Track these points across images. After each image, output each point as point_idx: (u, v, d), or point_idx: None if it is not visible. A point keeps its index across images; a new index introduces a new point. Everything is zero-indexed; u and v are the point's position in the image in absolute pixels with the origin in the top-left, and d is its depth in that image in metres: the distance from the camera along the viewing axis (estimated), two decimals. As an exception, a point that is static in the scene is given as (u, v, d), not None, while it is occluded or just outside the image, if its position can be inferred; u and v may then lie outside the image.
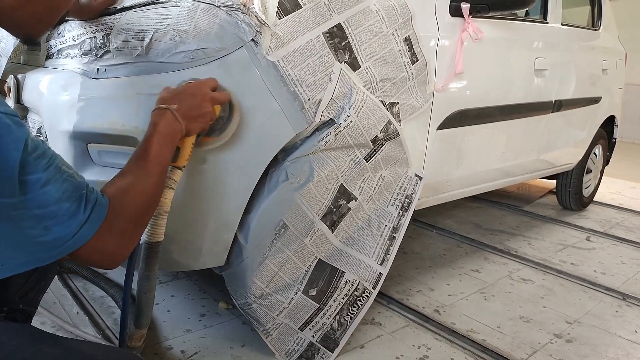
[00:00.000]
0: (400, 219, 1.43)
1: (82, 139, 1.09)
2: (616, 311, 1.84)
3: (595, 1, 2.87)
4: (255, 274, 1.21)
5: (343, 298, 1.35)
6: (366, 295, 1.38)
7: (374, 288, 1.39)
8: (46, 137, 1.18)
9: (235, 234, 1.18)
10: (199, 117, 0.94)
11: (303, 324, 1.31)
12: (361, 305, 1.38)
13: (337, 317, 1.35)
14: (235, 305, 1.33)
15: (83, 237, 0.69)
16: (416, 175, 1.49)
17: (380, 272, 1.39)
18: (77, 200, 0.68)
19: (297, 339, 1.31)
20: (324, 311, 1.32)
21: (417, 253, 2.24)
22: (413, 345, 1.49)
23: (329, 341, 1.34)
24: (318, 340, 1.33)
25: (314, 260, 1.29)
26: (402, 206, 1.44)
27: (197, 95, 0.94)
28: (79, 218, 0.68)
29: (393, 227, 1.42)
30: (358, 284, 1.36)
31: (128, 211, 0.76)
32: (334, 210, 1.30)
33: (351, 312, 1.37)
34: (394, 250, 1.42)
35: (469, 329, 1.61)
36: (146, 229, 0.95)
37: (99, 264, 0.76)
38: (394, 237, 1.42)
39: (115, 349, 1.12)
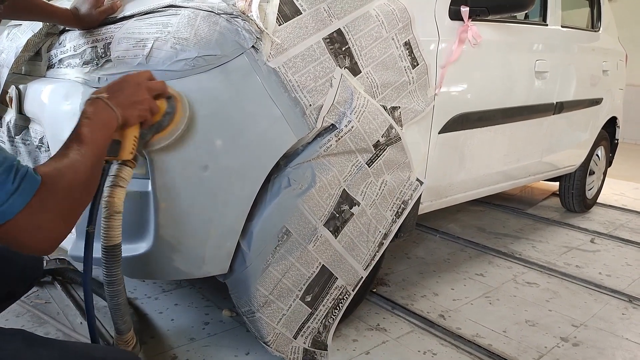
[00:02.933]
0: (392, 224, 1.44)
1: (84, 148, 1.09)
2: (622, 313, 1.82)
3: (594, 2, 2.87)
4: (258, 281, 1.21)
5: (330, 302, 1.36)
6: (346, 297, 1.40)
7: (353, 290, 1.41)
8: (48, 147, 1.18)
9: (238, 241, 1.18)
10: (134, 104, 0.90)
11: (297, 331, 1.31)
12: (341, 307, 1.40)
13: (323, 320, 1.36)
14: (239, 313, 1.33)
15: (12, 208, 0.67)
16: (417, 179, 1.49)
17: (361, 276, 1.41)
18: (7, 171, 0.67)
19: (292, 347, 1.31)
20: (314, 315, 1.33)
21: (421, 258, 2.23)
22: (418, 351, 1.48)
23: (318, 344, 1.36)
24: (309, 345, 1.33)
25: (317, 267, 1.29)
26: (397, 212, 1.44)
27: (129, 83, 0.91)
28: (7, 187, 0.67)
29: (385, 233, 1.43)
30: (344, 289, 1.37)
31: (61, 189, 0.73)
32: (337, 215, 1.29)
33: (333, 314, 1.39)
34: (378, 255, 1.44)
35: (475, 334, 1.60)
36: (101, 234, 0.93)
37: (31, 245, 0.72)
38: (382, 243, 1.43)
39: (112, 348, 1.11)
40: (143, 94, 0.92)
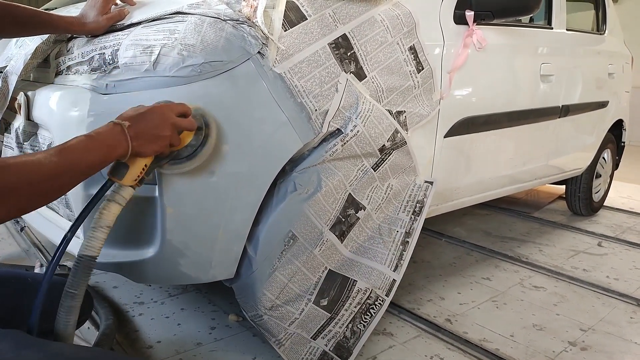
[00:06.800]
0: (412, 223, 1.43)
1: (92, 154, 1.10)
2: (631, 317, 1.81)
3: (599, 5, 2.87)
4: (265, 285, 1.21)
5: (355, 307, 1.34)
6: (379, 303, 1.38)
7: (387, 295, 1.39)
8: (56, 153, 1.19)
9: (245, 246, 1.18)
10: (153, 139, 0.88)
11: (315, 333, 1.30)
12: (374, 313, 1.37)
13: (350, 325, 1.34)
14: (245, 318, 1.33)
15: None
16: (426, 181, 1.49)
17: (393, 279, 1.39)
18: None
19: (310, 348, 1.30)
20: (335, 320, 1.31)
21: (427, 262, 2.22)
22: (425, 356, 1.48)
23: (342, 350, 1.33)
24: (331, 349, 1.32)
25: (323, 271, 1.29)
26: (414, 211, 1.43)
27: (156, 117, 0.89)
28: None
29: (405, 232, 1.41)
30: (370, 292, 1.36)
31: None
32: (343, 220, 1.29)
33: (364, 320, 1.36)
34: (408, 255, 1.41)
35: (482, 338, 1.60)
36: (84, 242, 0.89)
37: None
38: (407, 241, 1.41)
39: (102, 350, 1.10)
40: (167, 130, 0.90)
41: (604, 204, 3.29)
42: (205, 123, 1.02)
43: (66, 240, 0.90)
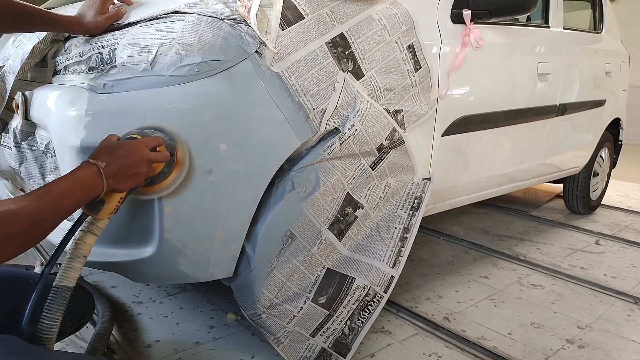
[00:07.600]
0: (410, 219, 1.43)
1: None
2: (628, 315, 1.82)
3: (596, 4, 2.87)
4: (263, 284, 1.21)
5: (353, 304, 1.34)
6: (377, 300, 1.38)
7: (385, 292, 1.39)
8: (54, 153, 1.19)
9: (243, 245, 1.19)
10: (130, 177, 0.91)
11: (314, 330, 1.30)
12: (372, 309, 1.38)
13: (349, 322, 1.35)
14: (244, 316, 1.33)
15: None
16: (424, 178, 1.50)
17: (391, 276, 1.39)
18: None
19: (308, 345, 1.31)
20: (334, 317, 1.32)
21: (425, 260, 2.23)
22: (423, 354, 1.48)
23: (341, 346, 1.34)
24: (330, 346, 1.32)
25: (322, 269, 1.29)
26: (412, 207, 1.44)
27: (132, 156, 0.91)
28: None
29: (404, 227, 1.42)
30: (369, 289, 1.36)
31: None
32: (341, 219, 1.30)
33: (362, 316, 1.37)
34: (406, 251, 1.41)
35: (480, 336, 1.60)
36: (60, 272, 0.89)
37: None
38: (405, 237, 1.42)
39: (96, 358, 1.11)
40: (143, 167, 0.92)
41: (602, 203, 3.30)
42: (175, 148, 1.02)
43: (44, 275, 0.90)
